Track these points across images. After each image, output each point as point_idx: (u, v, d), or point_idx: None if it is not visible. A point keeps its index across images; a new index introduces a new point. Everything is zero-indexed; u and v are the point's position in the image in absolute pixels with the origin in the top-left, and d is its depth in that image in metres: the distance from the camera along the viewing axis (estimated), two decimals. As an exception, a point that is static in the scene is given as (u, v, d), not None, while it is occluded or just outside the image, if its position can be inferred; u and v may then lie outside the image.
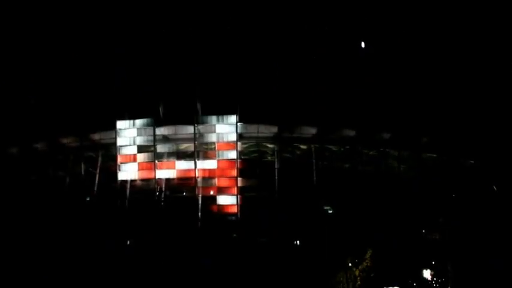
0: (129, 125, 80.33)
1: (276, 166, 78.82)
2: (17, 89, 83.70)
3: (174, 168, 79.42)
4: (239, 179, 77.94)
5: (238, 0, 78.88)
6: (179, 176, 79.15)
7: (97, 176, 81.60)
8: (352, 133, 79.97)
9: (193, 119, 78.32)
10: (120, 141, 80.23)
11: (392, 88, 79.17)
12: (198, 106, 78.06)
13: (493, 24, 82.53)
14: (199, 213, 77.21)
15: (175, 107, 77.67)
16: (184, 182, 79.19)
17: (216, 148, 78.94)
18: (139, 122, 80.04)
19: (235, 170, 78.02)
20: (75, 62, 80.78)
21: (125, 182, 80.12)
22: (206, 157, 79.19)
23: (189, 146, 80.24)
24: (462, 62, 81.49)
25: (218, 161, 78.70)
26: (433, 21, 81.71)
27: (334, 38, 79.13)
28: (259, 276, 67.56)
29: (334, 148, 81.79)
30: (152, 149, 79.85)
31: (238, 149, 78.34)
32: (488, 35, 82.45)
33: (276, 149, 79.96)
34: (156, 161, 79.46)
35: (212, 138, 79.03)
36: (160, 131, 79.62)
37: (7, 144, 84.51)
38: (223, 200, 78.40)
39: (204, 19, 78.70)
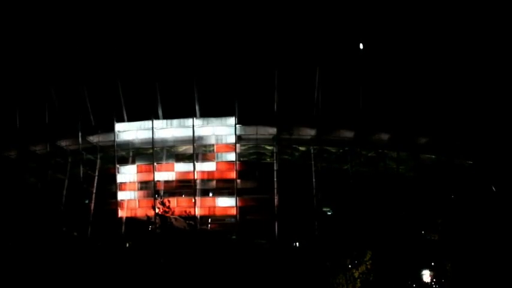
0: (128, 127, 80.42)
1: (274, 168, 78.84)
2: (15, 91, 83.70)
3: (173, 170, 79.46)
4: (238, 180, 78.05)
5: (238, 1, 78.99)
6: (178, 178, 79.19)
7: (96, 178, 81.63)
8: (350, 134, 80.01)
9: (192, 121, 78.40)
10: (118, 144, 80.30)
11: (391, 89, 79.19)
12: (197, 108, 78.12)
13: (492, 25, 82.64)
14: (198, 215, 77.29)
15: (174, 108, 77.75)
16: (183, 184, 79.22)
17: (215, 150, 79.03)
18: (137, 124, 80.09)
19: (234, 172, 78.13)
20: (75, 63, 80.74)
21: (123, 183, 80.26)
22: (205, 159, 79.22)
23: (187, 148, 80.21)
24: (460, 63, 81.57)
25: (217, 163, 78.75)
26: (431, 22, 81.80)
27: (332, 39, 79.15)
28: (258, 278, 67.47)
29: (332, 150, 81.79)
30: (151, 151, 79.83)
31: (237, 150, 78.42)
32: (486, 35, 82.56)
33: (274, 150, 79.95)
34: (155, 163, 79.50)
35: (211, 140, 79.12)
36: (159, 133, 79.62)
37: (5, 146, 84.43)
38: (222, 201, 78.43)
39: (203, 20, 78.78)
